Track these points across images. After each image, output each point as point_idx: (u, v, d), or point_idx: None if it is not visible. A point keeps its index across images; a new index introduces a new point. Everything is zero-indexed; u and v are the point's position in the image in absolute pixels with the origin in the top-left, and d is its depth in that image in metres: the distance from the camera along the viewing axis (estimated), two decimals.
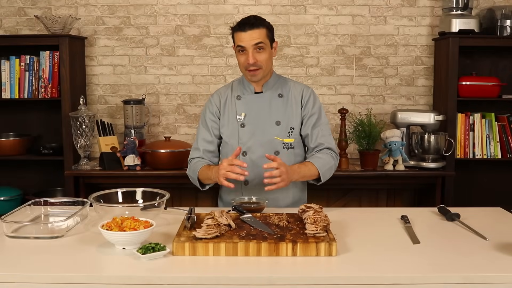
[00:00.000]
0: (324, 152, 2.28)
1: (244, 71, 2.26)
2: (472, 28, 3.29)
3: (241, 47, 2.19)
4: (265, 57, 2.20)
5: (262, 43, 2.18)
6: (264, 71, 2.24)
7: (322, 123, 2.32)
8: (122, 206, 1.99)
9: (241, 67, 2.27)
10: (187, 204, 2.55)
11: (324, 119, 2.35)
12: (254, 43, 2.17)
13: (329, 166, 2.26)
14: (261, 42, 2.18)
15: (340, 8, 3.57)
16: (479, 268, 1.57)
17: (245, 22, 2.19)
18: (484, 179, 3.60)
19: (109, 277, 1.52)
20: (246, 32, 2.17)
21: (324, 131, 2.32)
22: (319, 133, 2.29)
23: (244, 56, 2.20)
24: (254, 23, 2.18)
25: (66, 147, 3.32)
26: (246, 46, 2.17)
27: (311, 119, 2.30)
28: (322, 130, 2.31)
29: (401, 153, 3.21)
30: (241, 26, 2.19)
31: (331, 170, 2.28)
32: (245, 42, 2.17)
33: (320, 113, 2.34)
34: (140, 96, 3.57)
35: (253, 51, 2.17)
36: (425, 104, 3.64)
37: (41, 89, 3.35)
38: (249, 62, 2.18)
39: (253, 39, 2.16)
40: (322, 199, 3.38)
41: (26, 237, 1.81)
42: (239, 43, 2.19)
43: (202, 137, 2.35)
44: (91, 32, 3.59)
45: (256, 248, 1.63)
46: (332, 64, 3.61)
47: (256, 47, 2.18)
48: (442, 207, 2.14)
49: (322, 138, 2.29)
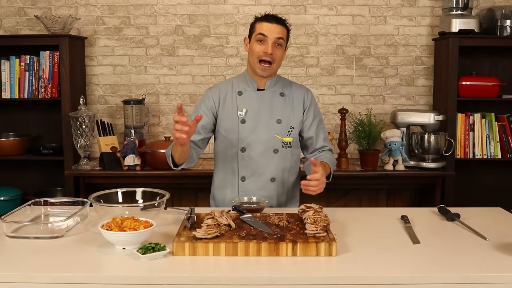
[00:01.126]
0: (327, 152, 2.39)
1: (256, 62, 2.24)
2: (472, 28, 3.29)
3: (263, 36, 2.20)
4: (280, 54, 2.25)
5: (282, 40, 2.23)
6: (274, 69, 2.26)
7: (323, 125, 2.42)
8: (122, 206, 1.99)
9: (253, 58, 2.24)
10: (187, 204, 2.55)
11: (323, 121, 2.46)
12: (277, 36, 2.21)
13: (334, 163, 2.41)
14: (281, 38, 2.22)
15: (340, 8, 3.57)
16: (479, 268, 1.57)
17: (273, 16, 2.25)
18: (484, 179, 3.61)
19: (109, 277, 1.52)
20: (272, 24, 2.22)
21: (325, 133, 2.42)
22: (322, 136, 2.38)
23: (263, 46, 2.21)
24: (279, 20, 2.25)
25: (66, 147, 3.32)
26: (269, 36, 2.20)
27: (315, 122, 2.36)
28: (324, 132, 2.41)
29: (401, 153, 3.21)
30: (267, 17, 2.24)
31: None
32: (268, 32, 2.20)
33: (321, 115, 2.44)
34: (140, 96, 3.57)
35: (273, 43, 2.20)
36: (425, 104, 3.64)
37: (41, 89, 3.35)
38: (268, 51, 2.19)
39: (277, 32, 2.21)
40: (322, 199, 3.36)
41: (26, 237, 1.81)
42: (262, 31, 2.21)
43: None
44: (91, 32, 3.59)
45: (256, 248, 1.63)
46: (332, 64, 3.61)
47: (276, 42, 2.21)
48: (442, 207, 2.14)
49: (325, 141, 2.39)
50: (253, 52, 2.24)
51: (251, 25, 2.29)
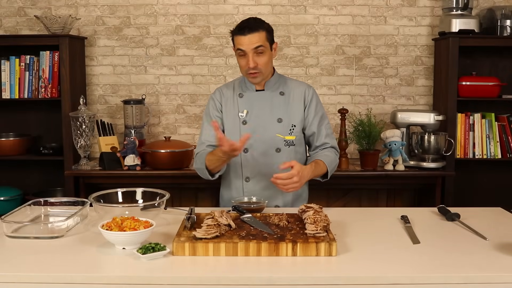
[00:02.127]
0: (329, 150, 2.34)
1: (245, 74, 2.28)
2: (472, 28, 3.29)
3: (241, 51, 2.20)
4: (265, 60, 2.22)
5: (262, 47, 2.19)
6: (264, 74, 2.26)
7: (326, 122, 2.38)
8: (122, 206, 1.99)
9: (241, 70, 2.28)
10: (187, 204, 2.56)
11: (327, 117, 2.41)
12: (254, 47, 2.17)
13: (335, 164, 2.34)
14: (261, 46, 2.18)
15: (340, 8, 3.57)
16: (479, 268, 1.57)
17: (245, 26, 2.19)
18: (484, 179, 3.60)
19: (109, 277, 1.52)
20: (245, 36, 2.17)
21: (328, 130, 2.37)
22: (324, 132, 2.34)
23: (245, 60, 2.21)
24: (253, 27, 2.18)
25: (66, 147, 3.32)
26: (246, 50, 2.18)
27: (316, 118, 2.34)
28: (327, 129, 2.36)
29: (401, 153, 3.21)
30: (240, 30, 2.19)
31: (335, 167, 2.36)
32: (245, 46, 2.18)
33: (323, 112, 2.39)
34: (140, 96, 3.57)
35: (253, 54, 2.18)
36: (425, 104, 3.64)
37: (41, 89, 3.35)
38: (250, 66, 2.19)
39: (252, 43, 2.17)
40: (322, 199, 3.37)
41: (26, 237, 1.81)
42: (239, 46, 2.19)
43: (207, 133, 2.33)
44: (91, 32, 3.59)
45: (256, 248, 1.63)
46: (332, 64, 3.61)
47: (256, 51, 2.18)
48: (442, 207, 2.14)
49: (327, 137, 2.35)
50: (240, 66, 2.27)
51: (231, 38, 2.27)
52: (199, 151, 2.33)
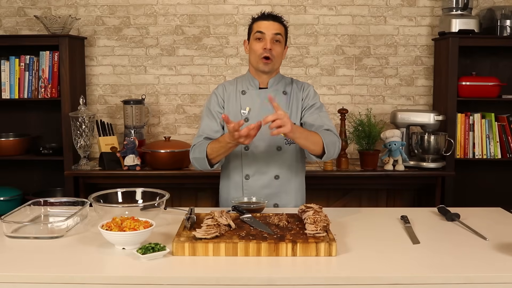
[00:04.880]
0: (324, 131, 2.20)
1: (258, 59, 2.25)
2: (472, 28, 3.29)
3: (260, 33, 2.24)
4: (279, 50, 2.27)
5: (280, 36, 2.25)
6: (275, 64, 2.28)
7: (323, 112, 2.30)
8: (122, 206, 1.99)
9: (254, 56, 2.26)
10: (187, 204, 2.56)
11: (325, 111, 2.33)
12: (274, 32, 2.24)
13: (333, 141, 2.17)
14: (279, 34, 2.25)
15: (340, 8, 3.57)
16: (479, 268, 1.57)
17: (269, 14, 2.29)
18: (484, 179, 3.60)
19: (109, 277, 1.52)
20: (268, 21, 2.25)
21: (324, 118, 2.27)
22: (319, 118, 2.26)
23: (261, 44, 2.24)
24: (276, 17, 2.29)
25: (66, 147, 3.32)
26: (266, 33, 2.23)
27: (311, 108, 2.29)
28: (322, 117, 2.27)
29: (401, 153, 3.21)
30: (264, 16, 2.29)
31: (335, 146, 2.19)
32: (265, 29, 2.24)
33: (321, 105, 2.33)
34: (140, 96, 3.57)
35: (271, 39, 2.23)
36: (425, 104, 3.64)
37: (41, 89, 3.35)
38: (267, 47, 2.22)
39: (274, 28, 2.24)
40: (322, 199, 3.38)
41: (26, 237, 1.81)
42: (259, 29, 2.25)
43: (207, 126, 2.32)
44: (91, 32, 3.59)
45: (256, 248, 1.63)
46: (332, 64, 3.61)
47: (274, 38, 2.24)
48: (442, 207, 2.14)
49: (322, 120, 2.25)
50: (253, 51, 2.27)
51: (249, 26, 2.33)
52: (196, 142, 2.32)
